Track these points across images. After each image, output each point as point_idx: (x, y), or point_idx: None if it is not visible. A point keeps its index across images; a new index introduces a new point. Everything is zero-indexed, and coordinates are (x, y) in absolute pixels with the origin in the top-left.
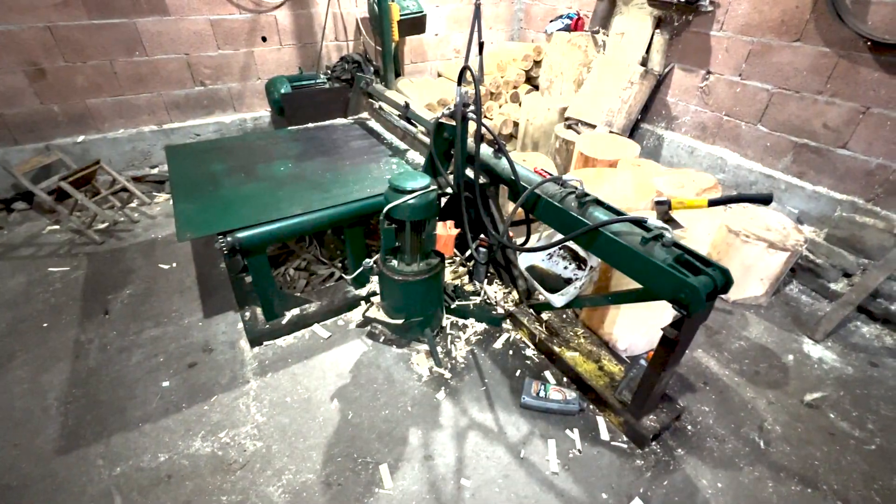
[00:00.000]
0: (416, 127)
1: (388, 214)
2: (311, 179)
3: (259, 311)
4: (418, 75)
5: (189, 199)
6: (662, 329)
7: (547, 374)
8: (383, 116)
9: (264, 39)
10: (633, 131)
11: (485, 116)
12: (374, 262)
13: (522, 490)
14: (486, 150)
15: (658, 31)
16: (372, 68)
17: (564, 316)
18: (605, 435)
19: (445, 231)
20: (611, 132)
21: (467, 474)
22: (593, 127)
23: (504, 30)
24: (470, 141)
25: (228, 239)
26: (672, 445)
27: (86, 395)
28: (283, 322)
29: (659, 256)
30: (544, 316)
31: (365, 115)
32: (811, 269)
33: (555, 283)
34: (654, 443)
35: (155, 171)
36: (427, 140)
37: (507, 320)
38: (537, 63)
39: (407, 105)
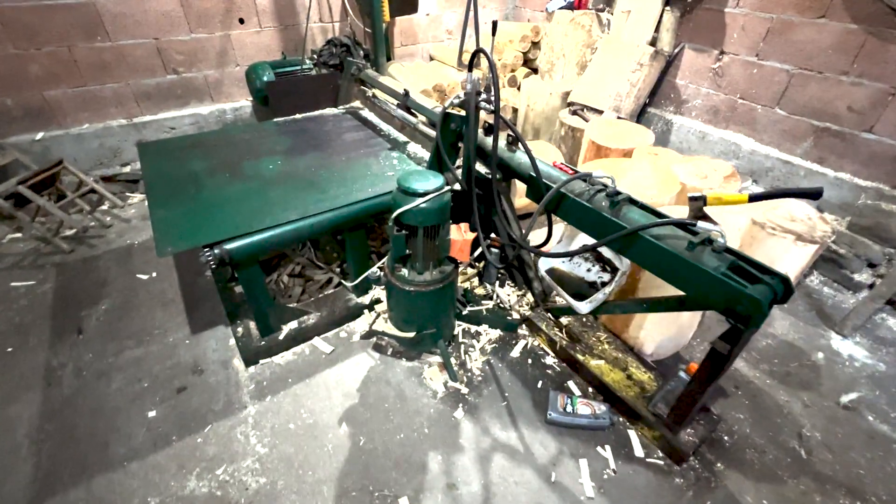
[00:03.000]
0: (416, 117)
1: (397, 220)
2: (304, 178)
3: (253, 325)
4: (409, 59)
5: (167, 204)
6: (712, 343)
7: (570, 384)
8: (378, 105)
9: (242, 21)
10: (639, 116)
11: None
12: (382, 272)
13: None
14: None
15: (668, 8)
16: (362, 52)
17: (585, 319)
18: (639, 451)
19: (461, 235)
20: (619, 118)
21: (495, 503)
22: (600, 112)
23: (498, 8)
24: (479, 132)
25: (216, 251)
26: (710, 459)
27: (61, 430)
28: (281, 337)
29: (710, 263)
30: (563, 320)
31: (357, 103)
32: (833, 260)
33: (577, 287)
34: (691, 458)
35: (127, 169)
36: (429, 131)
37: (523, 325)
38: (535, 44)
39: (407, 93)
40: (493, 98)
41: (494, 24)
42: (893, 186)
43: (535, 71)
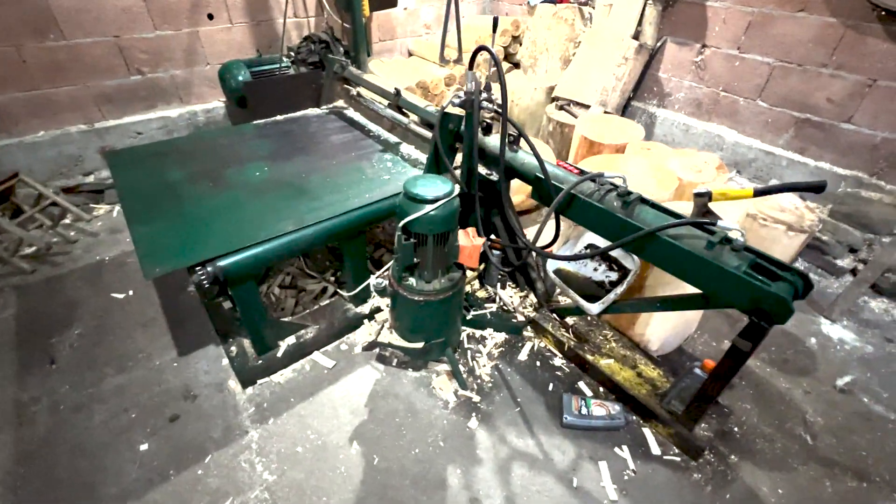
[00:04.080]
0: (407, 116)
1: (405, 228)
2: (295, 185)
3: (247, 343)
4: (387, 55)
5: (147, 220)
6: (734, 341)
7: (581, 384)
8: (363, 104)
9: (211, 17)
10: (623, 110)
11: None
12: (388, 282)
13: None
14: (495, 141)
15: (650, 2)
16: (341, 49)
17: (590, 318)
18: (655, 449)
19: (469, 241)
20: (606, 112)
21: None
22: (587, 107)
23: (475, 1)
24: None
25: (209, 269)
26: (724, 452)
27: (39, 474)
28: (279, 354)
29: (731, 263)
30: (569, 320)
31: (341, 102)
32: (817, 247)
33: (584, 287)
34: (706, 452)
35: (90, 178)
36: (423, 131)
37: (528, 327)
38: (515, 38)
39: (398, 92)
40: (494, 97)
41: (495, 20)
42: (872, 175)
43: (517, 65)
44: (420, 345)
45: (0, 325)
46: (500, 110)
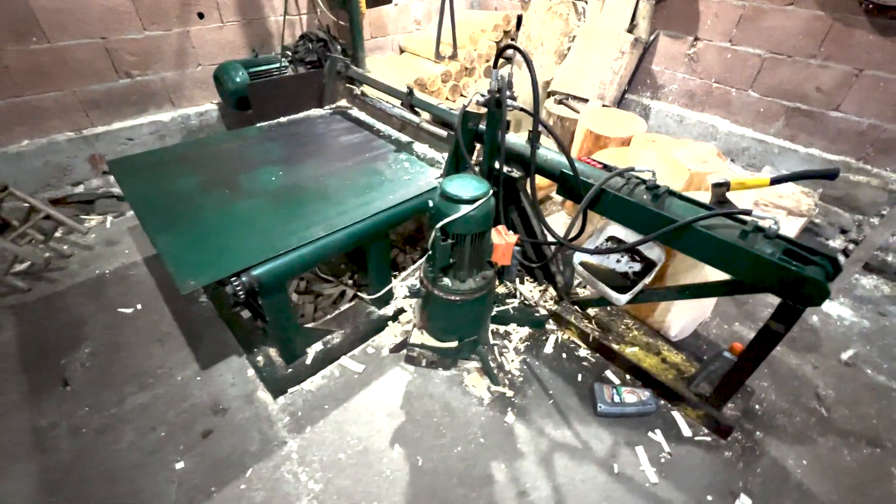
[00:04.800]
0: (418, 115)
1: (443, 229)
2: (314, 189)
3: (273, 352)
4: (379, 52)
5: (170, 231)
6: (768, 323)
7: (608, 373)
8: (369, 104)
9: (201, 16)
10: (618, 103)
11: (461, 94)
12: (422, 284)
13: None
14: (513, 139)
15: None
16: (339, 47)
17: (610, 308)
18: (686, 431)
19: (503, 239)
20: (604, 106)
21: None
22: (585, 101)
23: None
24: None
25: (244, 279)
26: (750, 429)
27: (71, 503)
28: (308, 361)
29: (766, 250)
30: (590, 311)
31: (343, 102)
32: (809, 229)
33: (608, 278)
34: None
35: (79, 189)
36: (436, 130)
37: (550, 320)
38: (506, 33)
39: (411, 91)
40: (516, 95)
41: (519, 18)
42: (859, 159)
43: (509, 60)
44: (454, 344)
45: (1, 348)
46: (521, 108)
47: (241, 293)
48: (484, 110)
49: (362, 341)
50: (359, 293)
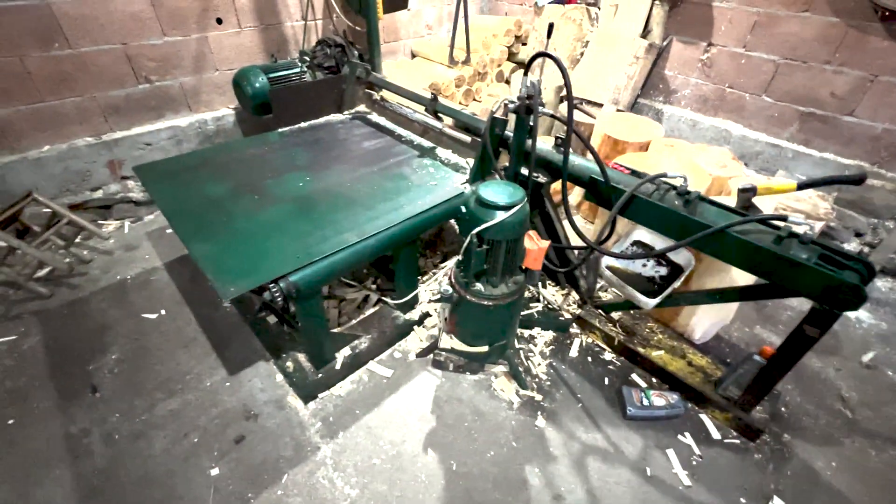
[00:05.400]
0: (441, 121)
1: (479, 235)
2: (343, 195)
3: (301, 357)
4: (391, 56)
5: (203, 237)
6: (804, 327)
7: (634, 377)
8: (390, 109)
9: (220, 21)
10: (631, 108)
11: (474, 99)
12: (455, 290)
13: None
14: (540, 144)
15: (657, 2)
16: (356, 52)
17: (633, 312)
18: (715, 434)
19: (535, 244)
20: (618, 110)
21: None
22: (600, 106)
23: (474, 1)
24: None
25: (282, 285)
26: (777, 431)
27: None
28: (337, 366)
29: (802, 255)
30: (614, 315)
31: (362, 107)
32: (825, 232)
33: (634, 283)
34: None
35: (98, 194)
36: (460, 136)
37: (574, 324)
38: (517, 38)
39: (435, 97)
40: (543, 102)
41: (550, 25)
42: (873, 163)
43: (520, 65)
44: (485, 349)
45: (27, 354)
46: (552, 115)
47: (279, 299)
48: (510, 116)
49: (389, 346)
50: (383, 298)
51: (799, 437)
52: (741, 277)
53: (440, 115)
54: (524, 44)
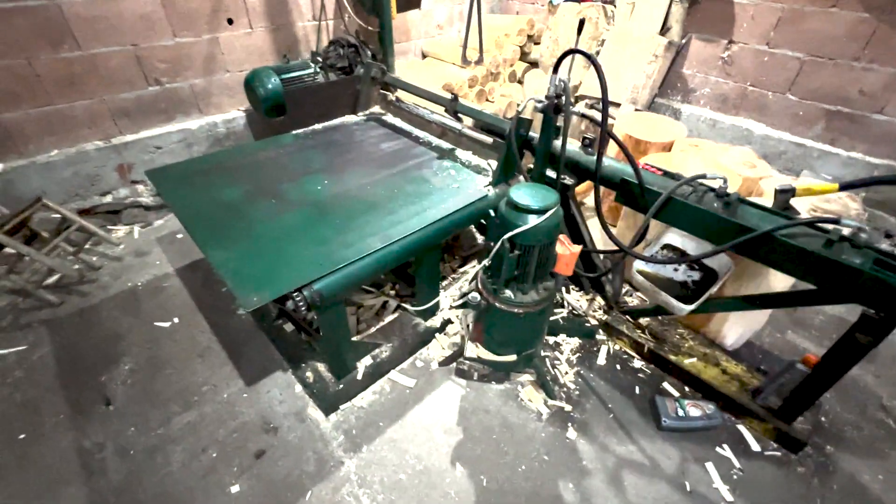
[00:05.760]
0: (461, 122)
1: (510, 239)
2: (363, 199)
3: (321, 367)
4: (402, 57)
5: (221, 244)
6: (856, 335)
7: (666, 386)
8: (405, 110)
9: (230, 22)
10: (648, 107)
11: (487, 100)
12: (483, 297)
13: None
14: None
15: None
16: (369, 52)
17: (661, 318)
18: (755, 446)
19: (567, 249)
20: (636, 110)
21: None
22: (617, 105)
23: (485, 0)
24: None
25: (305, 294)
26: (819, 443)
27: None
28: (358, 376)
29: (854, 260)
30: (642, 321)
31: (377, 108)
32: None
33: (667, 288)
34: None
35: (107, 199)
36: (480, 136)
37: (600, 331)
38: (530, 37)
39: (455, 97)
40: (570, 101)
41: (581, 22)
42: None
43: (532, 64)
44: (513, 357)
45: (36, 365)
46: (583, 115)
47: (303, 308)
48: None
49: (410, 354)
50: (402, 304)
51: (843, 450)
52: (777, 282)
53: (460, 116)
54: (536, 43)
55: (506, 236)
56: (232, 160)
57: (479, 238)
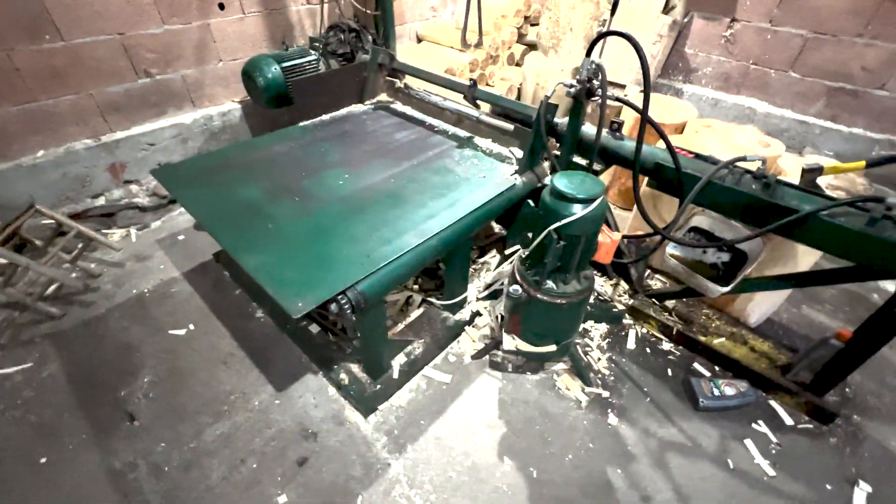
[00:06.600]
0: (478, 108)
1: (557, 230)
2: (389, 192)
3: (355, 368)
4: (398, 41)
5: (252, 247)
6: (895, 309)
7: (697, 366)
8: (417, 98)
9: (222, 7)
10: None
11: (487, 84)
12: (524, 289)
13: None
14: (591, 130)
15: None
16: (370, 37)
17: (686, 299)
18: (788, 420)
19: (608, 237)
20: (641, 91)
21: None
22: (622, 87)
23: None
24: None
25: (350, 295)
26: (847, 414)
27: None
28: (394, 375)
29: None
30: (668, 304)
31: (383, 96)
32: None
33: (698, 270)
34: None
35: (100, 201)
36: (500, 123)
37: (626, 315)
38: (526, 18)
39: (474, 83)
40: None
41: (615, 3)
42: None
43: (530, 46)
44: (553, 348)
45: (48, 383)
46: (619, 99)
47: (348, 311)
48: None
49: (441, 349)
50: (428, 298)
51: (868, 418)
52: (805, 261)
53: (478, 102)
54: (533, 24)
55: (553, 226)
56: (242, 156)
57: (496, 227)
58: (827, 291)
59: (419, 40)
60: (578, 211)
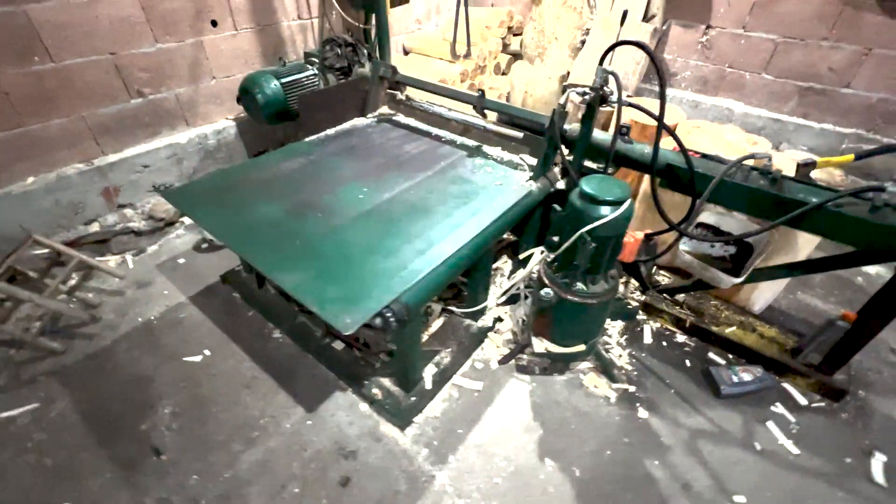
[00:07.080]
0: (485, 118)
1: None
2: (412, 204)
3: (386, 382)
4: None
5: (286, 266)
6: None
7: (712, 355)
8: (420, 109)
9: (214, 24)
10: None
11: None
12: (554, 291)
13: (788, 485)
14: (602, 135)
15: None
16: (365, 51)
17: (694, 292)
18: (802, 400)
19: (632, 236)
20: (628, 96)
21: (732, 488)
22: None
23: None
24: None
25: (394, 308)
26: (853, 391)
27: None
28: (427, 386)
29: None
30: (679, 297)
31: (385, 109)
32: None
33: (708, 263)
34: None
35: (94, 227)
36: (509, 132)
37: (640, 311)
38: (509, 29)
39: (482, 93)
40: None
41: (625, 13)
42: (869, 130)
43: (516, 56)
44: (581, 348)
45: (59, 422)
46: (633, 105)
47: (393, 324)
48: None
49: (467, 357)
50: (448, 307)
51: (874, 393)
52: (805, 249)
53: (486, 112)
54: (516, 34)
55: (585, 229)
56: (253, 174)
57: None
58: (816, 277)
59: (406, 52)
60: (608, 213)
